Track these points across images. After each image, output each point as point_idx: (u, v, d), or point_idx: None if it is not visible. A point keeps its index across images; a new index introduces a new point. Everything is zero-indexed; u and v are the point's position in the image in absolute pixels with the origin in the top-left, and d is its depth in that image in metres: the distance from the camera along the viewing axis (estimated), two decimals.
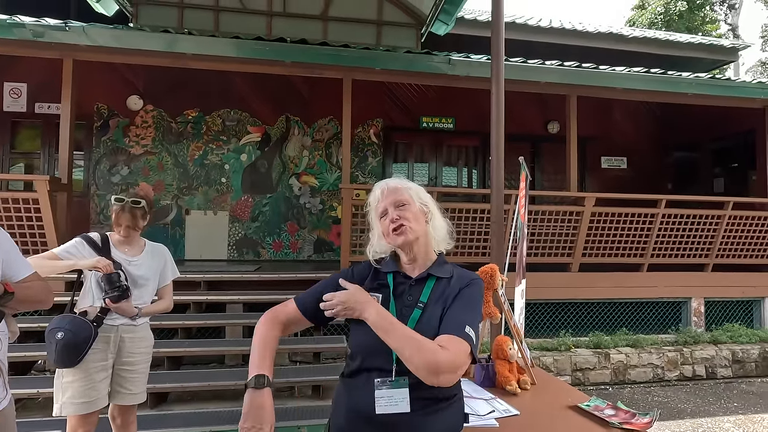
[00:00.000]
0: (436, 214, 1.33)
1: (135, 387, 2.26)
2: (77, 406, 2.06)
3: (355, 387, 1.20)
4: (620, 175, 7.72)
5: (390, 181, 1.32)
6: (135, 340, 2.25)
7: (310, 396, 3.84)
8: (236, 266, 5.45)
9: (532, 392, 1.80)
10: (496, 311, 1.90)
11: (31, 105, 6.21)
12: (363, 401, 1.15)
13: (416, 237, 1.25)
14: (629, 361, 4.77)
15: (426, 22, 6.57)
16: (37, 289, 1.58)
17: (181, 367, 4.08)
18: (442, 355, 1.07)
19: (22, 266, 1.56)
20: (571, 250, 5.34)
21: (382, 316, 1.14)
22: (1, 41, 4.21)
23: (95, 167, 6.29)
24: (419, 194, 1.31)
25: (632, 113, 7.75)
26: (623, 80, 5.18)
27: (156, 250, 2.39)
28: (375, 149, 6.95)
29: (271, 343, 1.20)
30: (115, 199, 2.22)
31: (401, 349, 1.09)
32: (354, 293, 1.18)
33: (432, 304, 1.21)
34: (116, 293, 2.12)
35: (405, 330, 1.12)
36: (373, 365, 1.18)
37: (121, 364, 2.21)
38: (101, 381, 2.13)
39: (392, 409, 1.12)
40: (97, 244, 2.20)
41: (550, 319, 5.44)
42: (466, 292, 1.22)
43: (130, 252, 2.28)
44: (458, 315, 1.17)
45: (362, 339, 1.21)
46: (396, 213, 1.26)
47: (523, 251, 2.88)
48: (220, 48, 4.45)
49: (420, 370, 1.07)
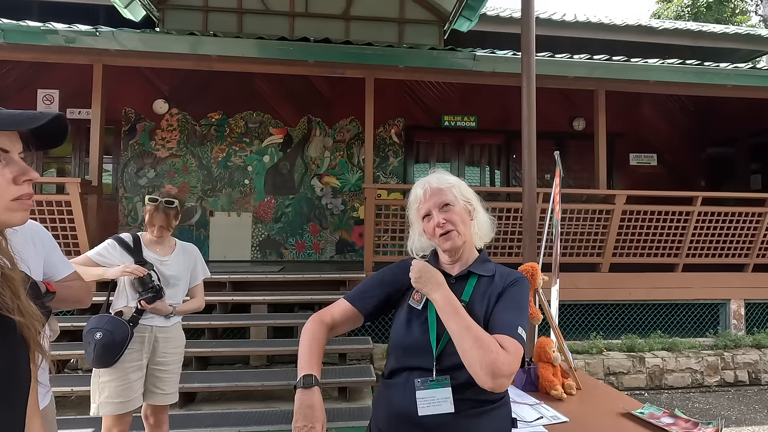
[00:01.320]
0: (479, 208, 1.27)
1: (168, 387, 2.26)
2: (114, 405, 2.07)
3: (396, 388, 1.16)
4: (650, 172, 7.46)
5: (432, 180, 1.24)
6: (168, 340, 2.25)
7: (336, 398, 3.80)
8: (260, 267, 5.47)
9: (579, 397, 1.71)
10: (538, 312, 1.81)
11: (62, 111, 6.37)
12: (404, 402, 1.11)
13: (464, 241, 1.21)
14: (666, 366, 4.58)
15: (449, 18, 6.48)
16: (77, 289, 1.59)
17: (208, 367, 4.10)
18: (503, 358, 1.01)
19: (62, 265, 1.57)
20: (601, 250, 5.16)
21: (450, 300, 1.10)
22: (35, 48, 4.32)
23: (123, 170, 6.42)
24: (462, 191, 1.24)
25: (662, 108, 7.48)
26: (656, 73, 4.98)
27: (186, 249, 2.39)
28: (396, 149, 6.90)
29: (319, 343, 1.16)
30: (149, 199, 2.22)
31: (461, 340, 1.04)
32: (432, 270, 1.16)
33: (475, 303, 1.16)
34: (150, 294, 2.13)
35: (470, 321, 1.07)
36: (412, 364, 1.14)
37: (155, 363, 2.21)
38: (136, 381, 2.14)
39: (435, 410, 1.07)
40: (129, 245, 2.20)
41: (580, 320, 5.27)
42: (513, 291, 1.16)
43: (162, 252, 2.28)
44: (508, 315, 1.11)
45: (402, 334, 1.18)
46: (442, 216, 1.19)
47: (558, 250, 2.78)
48: (243, 49, 4.47)
49: (475, 366, 1.01)
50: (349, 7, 6.56)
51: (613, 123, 6.16)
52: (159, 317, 2.21)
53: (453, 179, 1.25)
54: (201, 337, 4.29)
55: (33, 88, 6.33)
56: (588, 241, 5.14)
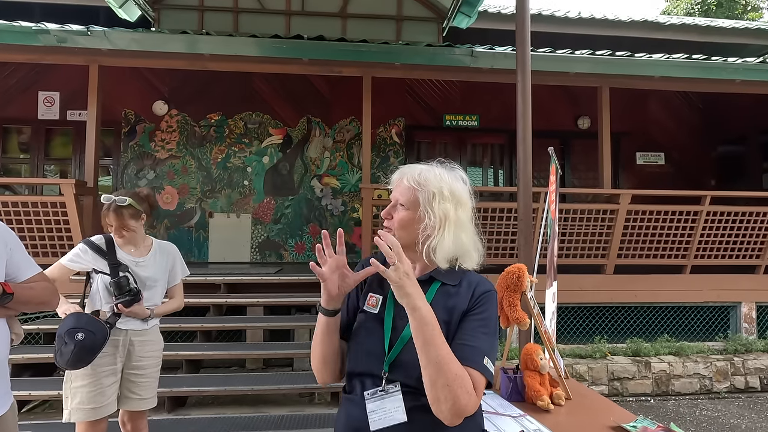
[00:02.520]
0: (454, 229, 1.07)
1: (145, 392, 2.18)
2: (86, 412, 2.00)
3: (349, 402, 1.06)
4: (657, 171, 7.27)
5: (409, 173, 1.11)
6: (145, 344, 2.18)
7: (329, 402, 3.72)
8: (258, 269, 5.41)
9: (568, 408, 1.60)
10: (525, 316, 1.70)
11: (63, 113, 6.40)
12: (358, 416, 1.01)
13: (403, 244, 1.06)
14: (672, 371, 4.41)
15: (447, 15, 6.38)
16: (40, 290, 1.52)
17: (200, 370, 4.04)
18: (473, 402, 0.93)
19: (26, 266, 1.51)
20: (606, 251, 5.01)
21: (431, 318, 0.94)
22: (28, 48, 4.32)
23: (123, 172, 6.42)
24: (434, 201, 1.06)
25: (670, 105, 7.29)
26: (662, 68, 4.83)
27: (164, 248, 2.30)
28: (397, 149, 6.81)
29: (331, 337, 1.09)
30: (103, 198, 2.13)
31: (434, 375, 0.92)
32: (411, 268, 0.97)
33: (436, 311, 1.02)
34: (127, 298, 2.06)
35: (447, 350, 0.94)
36: (362, 369, 1.05)
37: (130, 368, 2.14)
38: (110, 386, 2.07)
39: (387, 422, 0.98)
40: (101, 248, 2.13)
41: (583, 324, 5.12)
42: (481, 310, 1.04)
43: (137, 253, 2.20)
44: (477, 341, 0.99)
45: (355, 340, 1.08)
46: (389, 209, 1.11)
47: (554, 251, 2.66)
48: (237, 47, 4.42)
49: (442, 406, 0.92)
50: (346, 5, 6.49)
51: (619, 121, 6.00)
52: (135, 320, 2.14)
53: (432, 184, 1.07)
54: (194, 340, 4.23)
55: (35, 90, 6.36)
56: (592, 242, 5.00)
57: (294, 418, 3.36)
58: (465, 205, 1.10)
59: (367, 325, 1.09)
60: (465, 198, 1.10)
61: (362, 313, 1.12)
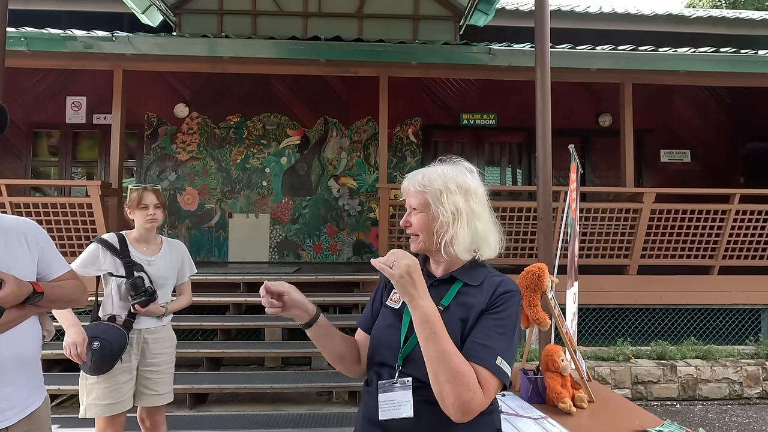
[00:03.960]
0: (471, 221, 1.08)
1: (161, 387, 2.23)
2: (102, 407, 2.05)
3: (367, 393, 1.11)
4: (683, 169, 7.05)
5: (413, 179, 1.14)
6: (158, 341, 2.23)
7: (347, 401, 3.73)
8: (277, 268, 5.47)
9: (591, 411, 1.56)
10: (545, 317, 1.67)
11: (89, 117, 6.60)
12: (371, 405, 1.05)
13: (425, 248, 1.11)
14: (700, 375, 4.27)
15: (464, 13, 6.33)
16: (69, 289, 1.56)
17: (221, 368, 4.11)
18: (479, 399, 0.93)
19: (57, 264, 1.54)
20: (629, 251, 4.89)
21: (432, 316, 0.96)
22: (56, 55, 4.47)
23: (146, 173, 6.57)
24: (442, 198, 1.08)
25: (696, 100, 7.06)
26: (687, 62, 4.68)
27: (173, 246, 2.35)
28: (414, 149, 6.79)
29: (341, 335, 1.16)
30: (134, 186, 2.21)
31: (436, 370, 0.94)
32: (415, 266, 0.97)
33: (454, 310, 1.04)
34: (144, 298, 2.10)
35: (450, 346, 0.95)
36: (378, 359, 1.09)
37: (145, 365, 2.18)
38: (125, 383, 2.11)
39: (395, 413, 1.00)
40: (114, 247, 2.16)
41: (605, 325, 5.01)
42: (500, 309, 1.03)
43: (148, 251, 2.24)
44: (490, 340, 0.99)
45: (375, 332, 1.13)
46: (406, 217, 1.13)
47: (575, 251, 2.60)
48: (255, 49, 4.48)
49: (446, 401, 0.93)
50: (363, 5, 6.51)
51: (642, 118, 5.85)
52: (148, 319, 2.18)
53: (438, 183, 1.09)
54: (214, 338, 4.31)
55: (62, 95, 6.57)
56: (614, 241, 4.88)
57: (312, 416, 3.38)
58: (475, 193, 1.10)
59: (388, 319, 1.12)
60: (474, 187, 1.11)
61: (385, 307, 1.15)
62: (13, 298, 1.26)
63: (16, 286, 1.27)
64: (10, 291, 1.24)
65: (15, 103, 6.28)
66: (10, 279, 1.26)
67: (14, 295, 1.26)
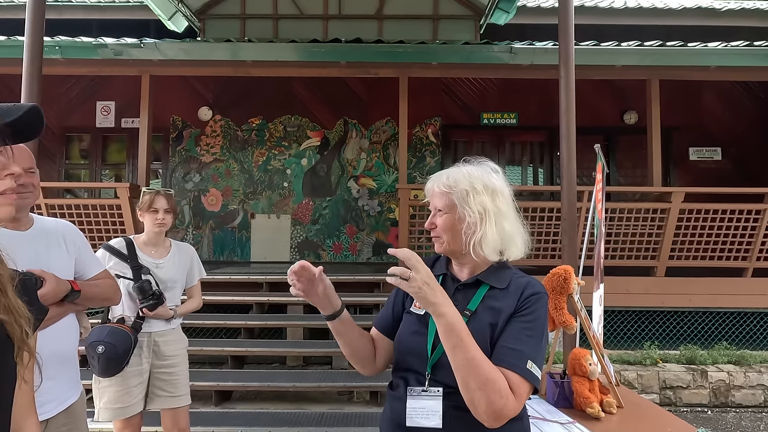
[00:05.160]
0: (498, 221, 1.08)
1: (177, 389, 2.22)
2: (113, 411, 2.07)
3: (393, 398, 1.10)
4: (713, 167, 6.80)
5: (437, 180, 1.13)
6: (169, 343, 2.23)
7: (368, 401, 3.74)
8: None
9: (620, 417, 1.53)
10: (572, 319, 1.65)
11: (118, 121, 6.81)
12: (398, 410, 1.05)
13: (450, 249, 1.10)
14: (732, 381, 4.12)
15: (485, 12, 6.27)
16: (105, 287, 1.62)
17: (244, 366, 4.18)
18: (511, 405, 0.92)
19: (93, 264, 1.61)
20: (656, 252, 4.75)
21: (457, 324, 0.93)
22: (88, 62, 4.64)
23: (171, 175, 6.75)
24: (468, 199, 1.07)
25: (727, 96, 6.80)
26: (718, 57, 4.52)
27: (182, 249, 2.35)
28: (433, 149, 6.76)
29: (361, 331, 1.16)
30: (146, 189, 2.25)
31: (466, 378, 0.92)
32: (430, 274, 0.94)
33: (482, 315, 1.03)
34: (152, 301, 2.10)
35: (478, 353, 0.93)
36: (406, 365, 1.08)
37: (158, 367, 2.19)
38: (136, 386, 2.11)
39: (423, 422, 1.00)
40: (121, 252, 2.16)
41: (631, 328, 4.88)
42: (526, 312, 1.01)
43: (157, 254, 2.24)
44: (520, 344, 0.98)
45: (400, 338, 1.12)
46: (431, 219, 1.12)
47: (601, 252, 2.55)
48: (276, 53, 4.56)
49: (478, 409, 0.92)
50: (382, 6, 6.52)
51: (670, 115, 5.68)
52: (158, 321, 2.19)
53: (464, 183, 1.08)
54: (237, 337, 4.39)
55: (93, 100, 6.81)
56: (640, 242, 4.75)
57: (334, 415, 3.41)
58: (502, 193, 1.10)
59: (413, 326, 1.11)
60: (500, 187, 1.10)
61: (408, 314, 1.14)
62: (54, 296, 1.32)
63: (57, 284, 1.33)
64: (50, 289, 1.30)
65: (50, 109, 6.54)
66: (50, 277, 1.32)
67: (54, 292, 1.32)
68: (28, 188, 1.36)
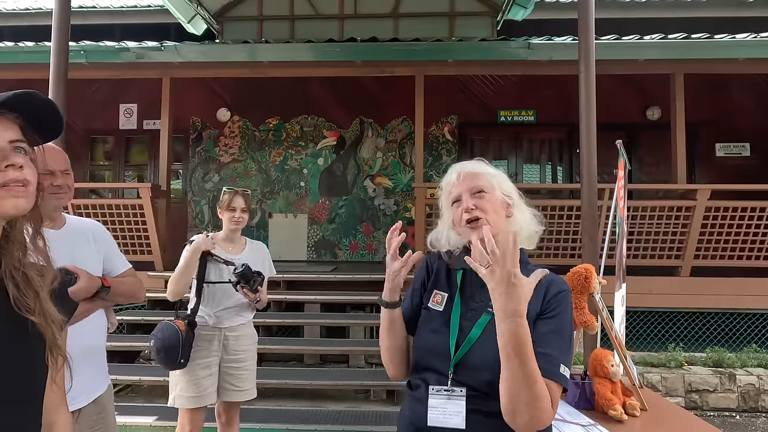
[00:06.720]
0: (522, 207, 1.10)
1: (242, 383, 2.30)
2: (185, 399, 2.17)
3: (413, 398, 1.08)
4: (741, 164, 6.57)
5: (468, 164, 1.12)
6: (239, 338, 2.30)
7: (384, 400, 3.75)
8: (315, 267, 5.58)
9: (643, 420, 1.49)
10: (593, 320, 1.61)
11: (140, 123, 6.97)
12: (420, 414, 1.03)
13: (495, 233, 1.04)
14: (762, 385, 3.97)
15: (502, 8, 6.19)
16: (130, 285, 1.68)
17: (262, 363, 4.23)
18: (550, 416, 0.90)
19: (120, 262, 1.68)
20: (680, 251, 4.62)
21: (526, 335, 0.87)
22: (112, 66, 4.76)
23: (191, 176, 6.88)
24: (501, 183, 1.09)
25: (756, 90, 6.55)
26: (746, 49, 4.36)
27: (255, 246, 2.45)
28: (450, 147, 6.72)
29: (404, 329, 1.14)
30: (227, 188, 2.36)
31: (518, 391, 0.87)
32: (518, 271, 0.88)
33: None
34: (259, 279, 2.19)
35: (536, 370, 0.88)
36: (427, 364, 1.05)
37: (227, 362, 2.27)
38: (205, 378, 2.20)
39: (444, 422, 0.98)
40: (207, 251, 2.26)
41: (655, 330, 4.76)
42: (554, 312, 0.99)
43: (233, 250, 2.34)
44: (550, 348, 0.95)
45: (420, 336, 1.09)
46: (472, 201, 1.04)
47: (623, 251, 2.49)
48: (293, 53, 4.59)
49: (518, 419, 0.89)
50: (398, 4, 6.50)
51: (695, 110, 5.50)
52: (230, 317, 2.26)
53: (493, 169, 1.12)
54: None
55: (116, 103, 6.98)
56: (664, 241, 4.62)
57: (351, 414, 3.42)
58: (511, 185, 1.13)
59: (432, 323, 1.08)
60: (507, 179, 1.13)
61: (426, 309, 1.11)
62: (85, 292, 1.39)
63: (89, 280, 1.40)
64: (83, 285, 1.37)
65: (76, 113, 6.74)
66: (83, 274, 1.38)
67: (86, 289, 1.39)
68: (63, 189, 1.46)
